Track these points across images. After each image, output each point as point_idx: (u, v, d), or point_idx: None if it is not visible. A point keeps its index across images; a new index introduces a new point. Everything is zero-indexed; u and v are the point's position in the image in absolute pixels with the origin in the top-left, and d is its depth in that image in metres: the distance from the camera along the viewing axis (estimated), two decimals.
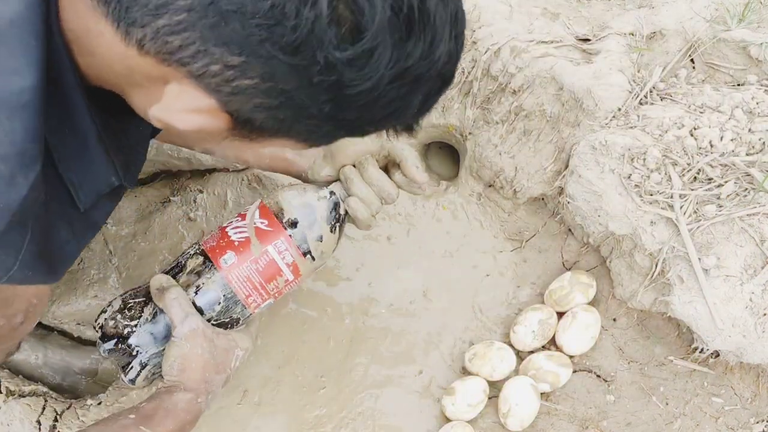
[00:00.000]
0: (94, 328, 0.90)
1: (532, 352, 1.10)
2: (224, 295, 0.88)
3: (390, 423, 1.08)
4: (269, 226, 0.89)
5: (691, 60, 1.12)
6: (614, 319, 1.10)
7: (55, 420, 1.02)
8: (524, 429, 1.05)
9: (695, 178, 0.99)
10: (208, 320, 0.89)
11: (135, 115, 0.60)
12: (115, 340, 0.88)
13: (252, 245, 0.89)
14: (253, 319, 0.95)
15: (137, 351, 0.88)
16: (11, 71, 0.48)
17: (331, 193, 0.92)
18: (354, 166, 0.91)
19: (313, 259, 0.91)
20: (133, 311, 0.89)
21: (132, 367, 0.89)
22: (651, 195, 0.99)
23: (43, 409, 1.03)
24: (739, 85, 1.10)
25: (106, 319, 0.89)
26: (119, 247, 1.20)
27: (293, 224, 0.89)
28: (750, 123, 1.01)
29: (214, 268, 0.89)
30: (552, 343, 1.11)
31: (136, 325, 0.88)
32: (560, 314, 1.11)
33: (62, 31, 0.51)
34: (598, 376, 1.09)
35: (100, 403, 1.07)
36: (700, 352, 0.98)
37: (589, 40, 1.14)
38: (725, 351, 0.94)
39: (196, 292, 0.88)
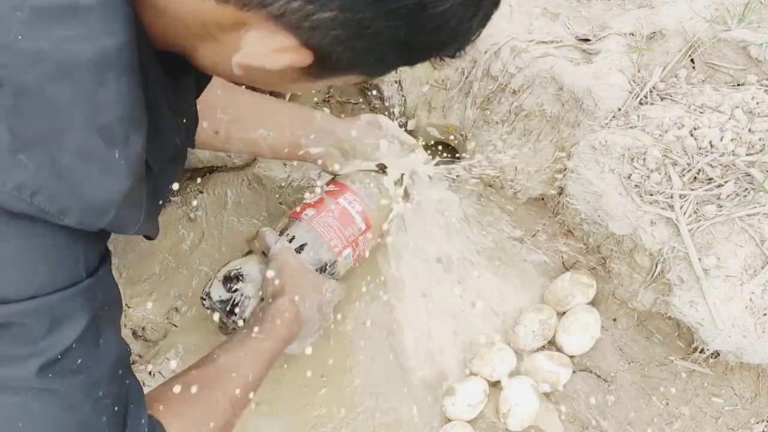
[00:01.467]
0: (202, 298, 1.03)
1: (532, 352, 1.10)
2: (310, 238, 1.04)
3: (390, 423, 1.08)
4: (336, 186, 1.09)
5: (691, 60, 1.12)
6: (614, 319, 1.10)
7: None
8: (524, 429, 1.05)
9: (695, 178, 0.99)
10: None
11: (188, 77, 0.64)
12: (225, 282, 1.01)
13: (325, 201, 1.07)
14: (341, 275, 1.09)
15: (243, 290, 1.01)
16: (109, 33, 0.50)
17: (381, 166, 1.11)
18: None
19: (378, 209, 1.08)
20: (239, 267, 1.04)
21: (241, 303, 1.01)
22: (651, 195, 0.99)
23: None
24: (739, 85, 1.10)
25: (215, 279, 1.03)
26: (119, 247, 1.19)
27: (355, 183, 1.08)
28: (750, 123, 1.01)
29: (298, 220, 1.06)
30: (552, 343, 1.11)
31: (242, 267, 1.03)
32: (560, 314, 1.11)
33: None
34: (598, 376, 1.08)
35: None
36: (700, 352, 0.98)
37: (589, 40, 1.14)
38: (725, 351, 0.94)
39: (288, 241, 1.04)
